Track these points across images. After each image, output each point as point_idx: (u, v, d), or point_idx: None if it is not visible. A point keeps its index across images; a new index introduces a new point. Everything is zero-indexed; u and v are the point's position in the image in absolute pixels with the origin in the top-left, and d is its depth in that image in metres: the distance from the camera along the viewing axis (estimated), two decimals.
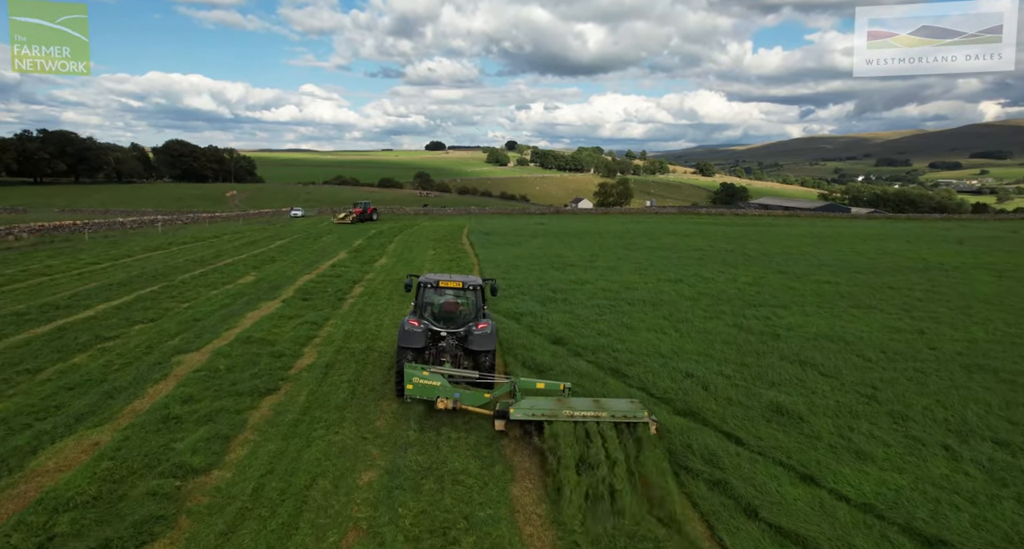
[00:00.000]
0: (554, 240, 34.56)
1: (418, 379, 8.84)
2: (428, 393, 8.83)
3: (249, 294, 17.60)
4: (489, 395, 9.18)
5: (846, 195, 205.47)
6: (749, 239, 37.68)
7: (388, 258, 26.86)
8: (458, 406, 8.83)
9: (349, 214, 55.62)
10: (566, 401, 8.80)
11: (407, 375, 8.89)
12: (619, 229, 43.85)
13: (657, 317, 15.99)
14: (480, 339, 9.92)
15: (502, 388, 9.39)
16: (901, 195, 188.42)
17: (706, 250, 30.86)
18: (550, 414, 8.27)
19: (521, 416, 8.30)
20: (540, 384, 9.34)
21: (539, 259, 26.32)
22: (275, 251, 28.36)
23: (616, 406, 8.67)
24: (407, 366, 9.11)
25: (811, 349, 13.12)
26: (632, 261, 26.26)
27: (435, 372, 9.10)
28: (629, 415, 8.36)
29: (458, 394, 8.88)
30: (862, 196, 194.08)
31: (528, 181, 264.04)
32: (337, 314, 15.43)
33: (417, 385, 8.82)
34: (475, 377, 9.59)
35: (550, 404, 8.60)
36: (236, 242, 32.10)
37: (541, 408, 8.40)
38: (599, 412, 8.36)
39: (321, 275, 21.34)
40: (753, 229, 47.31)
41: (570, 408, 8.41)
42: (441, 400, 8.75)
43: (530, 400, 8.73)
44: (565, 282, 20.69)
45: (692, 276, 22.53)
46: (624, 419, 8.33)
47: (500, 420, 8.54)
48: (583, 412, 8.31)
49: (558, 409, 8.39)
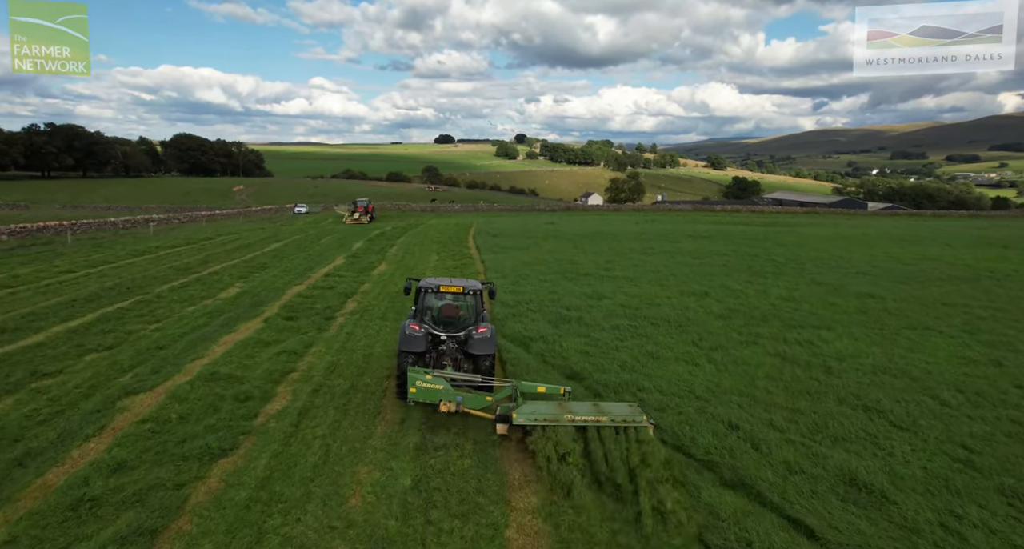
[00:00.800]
0: (565, 244, 32.58)
1: (421, 383, 8.92)
2: (431, 396, 8.93)
3: (228, 312, 15.81)
4: (491, 398, 9.24)
5: (861, 189, 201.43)
6: (773, 242, 35.48)
7: (388, 265, 25.03)
8: (460, 409, 8.94)
9: (365, 214, 53.92)
10: (567, 405, 8.97)
11: (411, 379, 8.96)
12: (634, 230, 41.75)
13: (686, 342, 14.04)
14: (480, 343, 10.04)
15: (503, 392, 9.41)
16: (918, 189, 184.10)
17: (729, 255, 28.76)
18: (552, 419, 8.48)
19: (524, 421, 8.48)
20: (541, 388, 9.39)
21: (550, 266, 24.38)
22: (268, 256, 26.63)
23: (616, 410, 8.85)
24: (410, 370, 9.12)
25: (872, 388, 11.13)
26: (651, 269, 24.25)
27: (438, 376, 9.15)
28: (629, 419, 8.55)
29: (460, 397, 8.97)
30: (878, 190, 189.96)
31: (537, 175, 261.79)
32: (322, 339, 13.60)
33: (420, 389, 8.91)
34: (477, 381, 9.62)
35: (551, 409, 8.80)
36: (229, 245, 30.41)
37: (543, 413, 8.61)
38: (599, 416, 8.58)
39: (312, 286, 19.54)
40: (774, 230, 45.01)
41: (571, 413, 8.63)
42: (444, 403, 8.87)
43: (532, 405, 8.93)
44: (579, 296, 18.75)
45: (719, 288, 20.50)
46: (624, 423, 8.51)
47: (502, 424, 8.73)
48: (584, 417, 8.55)
49: (559, 414, 8.60)
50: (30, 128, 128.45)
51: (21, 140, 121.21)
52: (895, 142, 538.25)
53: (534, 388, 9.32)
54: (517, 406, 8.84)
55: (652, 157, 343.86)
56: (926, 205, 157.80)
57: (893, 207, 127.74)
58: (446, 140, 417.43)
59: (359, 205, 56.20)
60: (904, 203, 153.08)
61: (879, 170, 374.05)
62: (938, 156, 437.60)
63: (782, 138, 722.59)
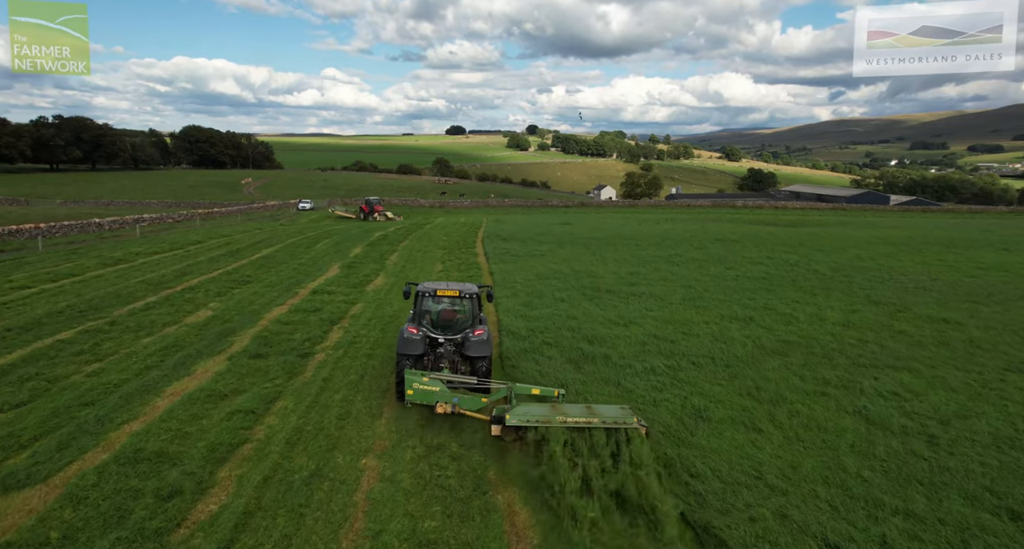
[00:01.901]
0: (582, 250, 29.81)
1: (418, 385, 9.23)
2: (428, 398, 9.25)
3: (189, 345, 13.33)
4: (486, 400, 9.40)
5: (880, 181, 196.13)
6: (809, 246, 32.44)
7: (386, 277, 22.45)
8: (456, 410, 9.21)
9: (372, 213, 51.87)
10: (560, 407, 9.05)
11: (408, 381, 9.32)
12: (655, 233, 38.78)
13: (739, 392, 11.36)
14: (477, 345, 10.26)
15: (499, 393, 9.52)
16: (941, 181, 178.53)
17: (765, 265, 25.86)
18: (544, 420, 8.56)
19: (516, 422, 8.62)
20: (536, 390, 9.56)
21: (566, 280, 21.68)
22: (255, 266, 24.16)
23: (607, 412, 8.90)
24: (407, 372, 9.46)
25: (1007, 476, 8.38)
26: (681, 283, 21.47)
27: (434, 378, 9.40)
28: (619, 421, 8.62)
29: (456, 399, 9.24)
30: (898, 182, 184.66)
31: (549, 166, 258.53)
32: (292, 388, 11.06)
33: (417, 391, 9.24)
34: (473, 382, 9.80)
35: (544, 410, 8.89)
36: (216, 251, 28.00)
37: (535, 415, 8.72)
38: (591, 418, 8.64)
39: (295, 308, 17.02)
40: (806, 232, 41.79)
41: (563, 414, 8.68)
42: (440, 404, 9.18)
43: (525, 406, 9.10)
44: (603, 322, 16.06)
45: (763, 311, 17.72)
46: (615, 425, 8.58)
47: (497, 425, 8.81)
48: (575, 418, 8.61)
49: (552, 415, 8.67)
50: (38, 120, 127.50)
51: (29, 132, 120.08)
52: (914, 132, 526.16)
53: (528, 390, 9.55)
54: (511, 408, 9.00)
55: (666, 148, 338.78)
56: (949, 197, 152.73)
57: (917, 200, 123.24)
58: (457, 131, 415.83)
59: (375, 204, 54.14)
60: (926, 195, 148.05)
61: (898, 161, 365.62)
62: (959, 146, 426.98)
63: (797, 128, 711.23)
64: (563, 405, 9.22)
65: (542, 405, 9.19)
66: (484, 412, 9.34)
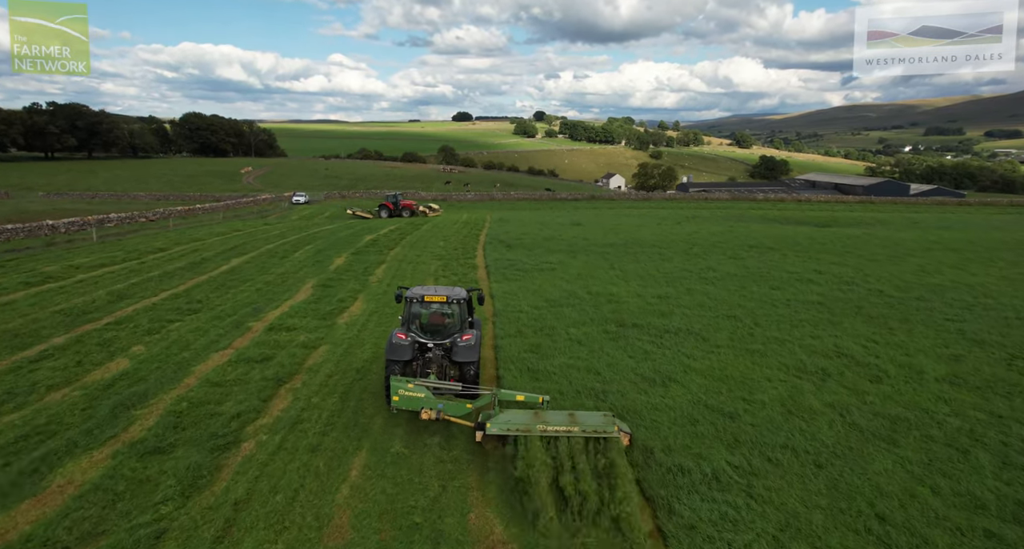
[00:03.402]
0: (598, 261, 25.85)
1: (403, 391, 9.22)
2: (413, 404, 9.23)
3: (62, 432, 9.60)
4: (471, 406, 9.45)
5: (896, 168, 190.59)
6: (858, 254, 28.30)
7: (365, 301, 18.66)
8: (442, 416, 9.18)
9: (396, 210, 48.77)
10: (542, 415, 8.99)
11: (393, 388, 9.28)
12: (678, 236, 34.60)
13: (850, 521, 7.58)
14: (464, 351, 10.32)
15: (483, 399, 9.54)
16: (960, 168, 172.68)
17: (817, 283, 21.83)
18: (524, 429, 8.63)
19: (497, 431, 8.73)
20: (520, 396, 9.57)
21: (582, 308, 17.80)
22: (213, 285, 20.44)
23: (589, 421, 8.86)
24: (393, 379, 9.38)
25: None
26: (724, 312, 17.56)
27: (419, 384, 9.35)
28: (600, 429, 8.63)
29: (441, 405, 9.21)
30: (914, 170, 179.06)
31: (557, 154, 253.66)
32: (180, 525, 7.32)
33: (403, 397, 9.21)
34: (458, 389, 9.83)
35: (526, 418, 8.88)
36: (176, 263, 24.24)
37: (516, 423, 8.75)
38: (571, 427, 8.65)
39: (239, 356, 13.25)
40: (848, 236, 37.41)
41: (544, 423, 8.70)
42: (425, 411, 9.13)
43: (508, 414, 9.04)
44: (634, 380, 12.22)
45: (837, 358, 13.81)
46: (595, 434, 8.62)
47: (480, 431, 8.87)
48: (556, 427, 8.65)
49: (532, 424, 8.69)
50: (31, 106, 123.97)
51: (21, 119, 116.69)
52: (929, 117, 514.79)
53: (513, 396, 9.58)
54: (494, 415, 9.04)
55: (675, 135, 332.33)
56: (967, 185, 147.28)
57: (939, 189, 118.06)
58: (464, 118, 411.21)
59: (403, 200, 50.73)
60: (944, 183, 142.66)
61: (912, 147, 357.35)
62: (976, 131, 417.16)
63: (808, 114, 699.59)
64: (546, 412, 9.19)
65: (525, 412, 9.20)
66: (469, 418, 9.41)
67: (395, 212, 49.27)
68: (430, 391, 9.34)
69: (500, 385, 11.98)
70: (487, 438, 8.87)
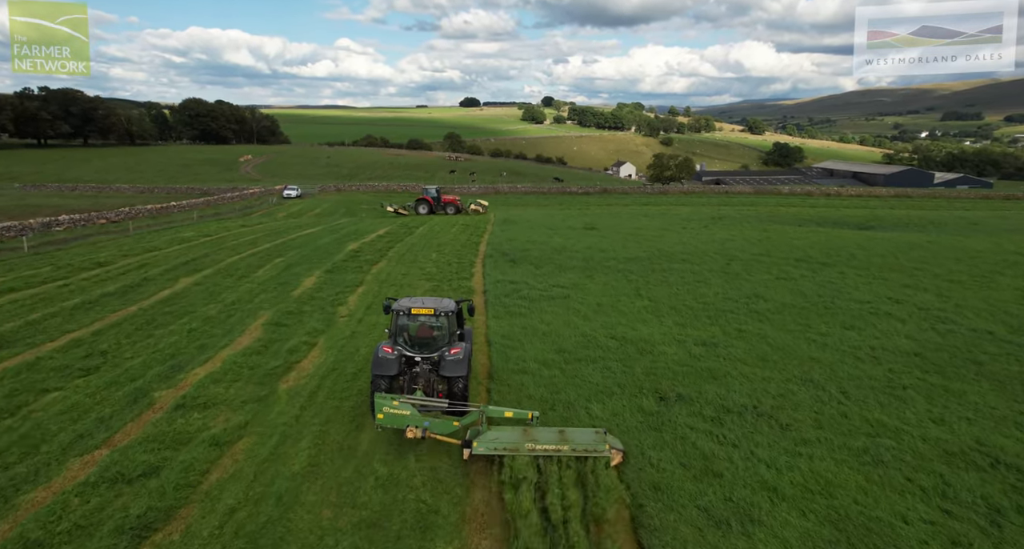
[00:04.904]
0: (620, 282, 21.34)
1: (389, 409, 8.91)
2: (398, 422, 8.91)
3: None
4: (458, 423, 9.14)
5: (915, 155, 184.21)
6: (933, 273, 23.44)
7: (327, 347, 14.35)
8: (427, 435, 8.89)
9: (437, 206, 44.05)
10: (531, 433, 8.81)
11: (377, 405, 9.01)
12: (710, 246, 29.77)
13: None
14: (452, 365, 10.04)
15: (470, 416, 9.25)
16: (982, 154, 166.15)
17: (901, 318, 17.27)
18: (512, 448, 8.46)
19: (483, 451, 8.52)
20: (508, 413, 9.17)
21: (606, 362, 13.43)
22: (138, 320, 16.22)
23: (580, 438, 8.68)
24: (377, 396, 9.15)
25: None
26: (795, 371, 13.14)
27: (405, 401, 9.09)
28: (590, 449, 8.43)
29: (428, 423, 8.92)
30: (934, 156, 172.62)
31: (565, 140, 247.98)
32: None
33: (388, 415, 8.91)
34: (444, 406, 9.62)
35: (515, 437, 8.71)
36: (108, 285, 19.95)
37: (504, 442, 8.58)
38: (560, 446, 8.46)
39: (109, 467, 9.01)
40: (904, 243, 32.50)
41: (533, 441, 8.51)
42: (410, 429, 8.84)
43: (495, 432, 8.85)
44: (692, 514, 7.89)
45: (990, 466, 9.43)
46: (585, 453, 8.41)
47: (467, 449, 8.65)
48: (544, 446, 8.45)
49: (521, 443, 8.52)
50: (22, 91, 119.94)
51: (11, 105, 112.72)
52: (946, 102, 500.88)
53: (501, 413, 9.17)
54: (481, 433, 8.77)
55: (686, 121, 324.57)
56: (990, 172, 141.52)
57: (965, 178, 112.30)
58: (471, 103, 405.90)
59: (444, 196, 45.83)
60: (966, 170, 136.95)
61: (929, 133, 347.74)
62: (995, 116, 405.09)
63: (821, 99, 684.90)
64: (536, 430, 8.96)
65: (514, 430, 8.99)
66: (457, 435, 9.07)
67: (436, 208, 43.74)
68: (416, 408, 9.07)
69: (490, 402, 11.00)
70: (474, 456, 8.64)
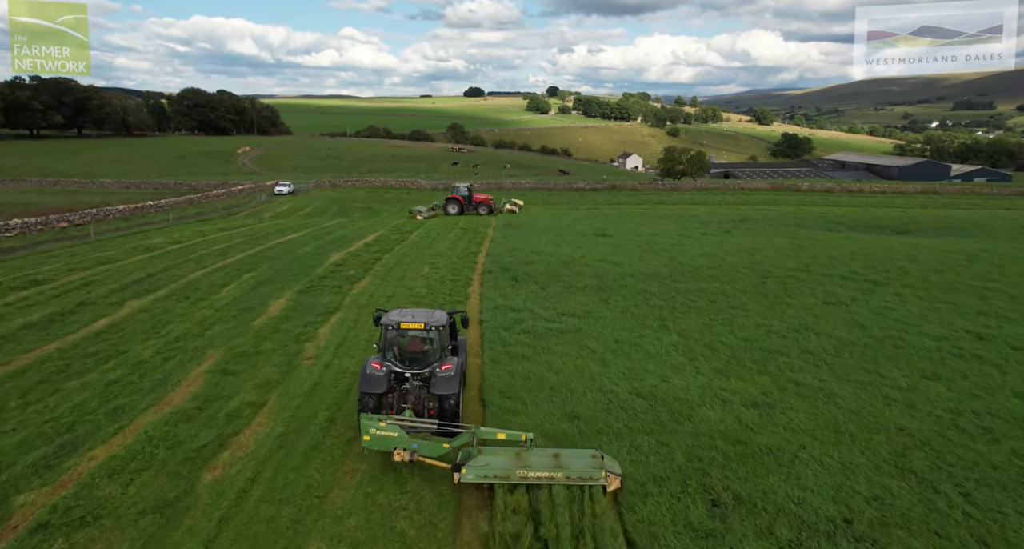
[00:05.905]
0: (642, 308, 18.09)
1: (375, 430, 8.56)
2: (386, 444, 8.57)
3: None
4: (448, 445, 8.76)
5: (927, 146, 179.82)
6: (1005, 293, 19.82)
7: (279, 407, 11.25)
8: (416, 458, 8.57)
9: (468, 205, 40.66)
10: (525, 456, 8.50)
11: (363, 427, 8.66)
12: (738, 257, 26.29)
13: None
14: (443, 382, 9.57)
15: (461, 438, 8.80)
16: (997, 145, 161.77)
17: (996, 363, 13.94)
18: (503, 475, 8.15)
19: (473, 478, 8.19)
20: (501, 434, 8.77)
21: (633, 436, 10.24)
22: (54, 365, 13.12)
23: (576, 464, 8.34)
24: (363, 417, 8.78)
25: None
26: (884, 454, 9.94)
27: (392, 423, 8.69)
28: (585, 476, 8.13)
29: (416, 445, 8.61)
30: (947, 147, 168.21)
31: (570, 131, 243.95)
32: None
33: (375, 436, 8.55)
34: (433, 427, 9.25)
35: (506, 462, 8.38)
36: (36, 312, 16.68)
37: (495, 469, 8.24)
38: (554, 473, 8.17)
39: None
40: (959, 253, 28.98)
41: (526, 468, 8.20)
42: (397, 452, 8.52)
43: (486, 457, 8.51)
44: None
45: None
46: (580, 481, 8.09)
47: (457, 473, 8.33)
48: (537, 473, 8.15)
49: (512, 469, 8.20)
50: (13, 81, 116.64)
51: (1, 94, 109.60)
52: (957, 91, 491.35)
53: (494, 434, 8.73)
54: (472, 456, 8.48)
55: (693, 111, 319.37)
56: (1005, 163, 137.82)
57: (983, 170, 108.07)
58: (476, 93, 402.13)
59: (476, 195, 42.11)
60: (981, 161, 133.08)
61: (939, 122, 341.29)
62: (1007, 106, 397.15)
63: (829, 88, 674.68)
64: (529, 453, 8.55)
65: (506, 453, 8.61)
66: (447, 458, 8.65)
67: (467, 208, 40.37)
68: (404, 430, 8.60)
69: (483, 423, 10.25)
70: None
